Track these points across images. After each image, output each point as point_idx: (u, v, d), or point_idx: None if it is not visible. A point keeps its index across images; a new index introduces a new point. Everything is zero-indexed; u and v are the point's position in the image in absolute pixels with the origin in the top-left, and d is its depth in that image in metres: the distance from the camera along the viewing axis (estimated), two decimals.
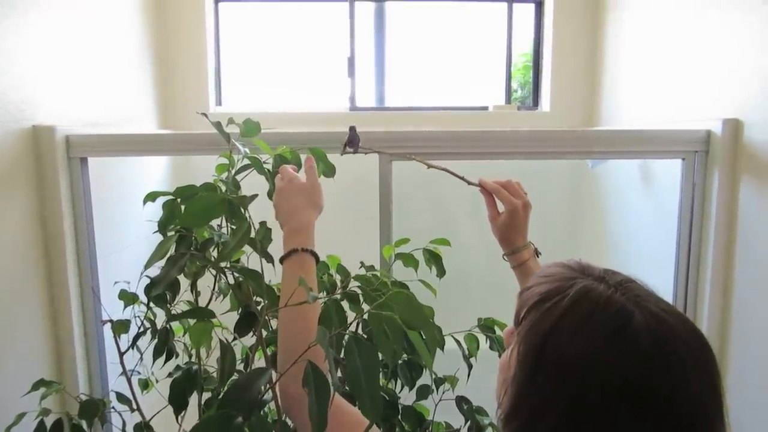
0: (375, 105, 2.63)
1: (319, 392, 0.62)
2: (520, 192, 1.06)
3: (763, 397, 1.33)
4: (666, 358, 0.50)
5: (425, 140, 1.55)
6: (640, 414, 0.49)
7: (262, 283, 0.97)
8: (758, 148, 1.41)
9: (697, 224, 1.55)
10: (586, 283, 0.56)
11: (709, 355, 0.53)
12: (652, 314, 0.52)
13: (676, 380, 0.49)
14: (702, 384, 0.51)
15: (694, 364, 0.51)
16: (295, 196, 0.95)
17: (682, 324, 0.53)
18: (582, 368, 0.51)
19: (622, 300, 0.53)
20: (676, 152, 1.57)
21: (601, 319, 0.52)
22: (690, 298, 1.55)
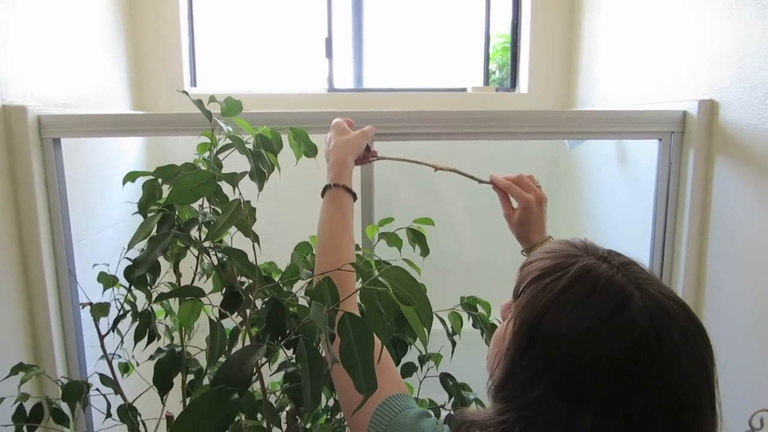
0: (353, 86, 2.61)
1: (313, 368, 0.62)
2: (532, 186, 1.01)
3: (735, 364, 1.37)
4: (661, 342, 0.50)
5: (403, 120, 1.55)
6: (630, 395, 0.49)
7: (247, 261, 0.96)
8: (733, 129, 1.44)
9: (672, 202, 1.58)
10: (588, 262, 0.56)
11: (704, 342, 0.53)
12: (651, 297, 0.52)
13: (669, 365, 0.50)
14: (695, 370, 0.51)
15: (689, 350, 0.51)
16: (336, 139, 1.01)
17: (681, 310, 0.53)
18: (575, 345, 0.51)
19: (623, 281, 0.53)
20: (652, 133, 1.60)
21: (599, 298, 0.52)
22: (665, 271, 1.60)
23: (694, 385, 0.51)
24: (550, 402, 0.52)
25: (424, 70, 2.70)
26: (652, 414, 0.50)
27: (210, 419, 0.49)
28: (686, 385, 0.50)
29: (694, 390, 0.51)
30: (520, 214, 0.99)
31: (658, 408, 0.50)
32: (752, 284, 1.36)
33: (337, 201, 0.90)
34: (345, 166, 0.94)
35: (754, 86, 1.36)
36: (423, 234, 1.22)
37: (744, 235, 1.40)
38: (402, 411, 0.66)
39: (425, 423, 0.64)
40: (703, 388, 0.52)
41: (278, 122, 1.34)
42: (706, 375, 0.52)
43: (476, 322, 1.21)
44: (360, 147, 1.01)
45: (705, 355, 0.52)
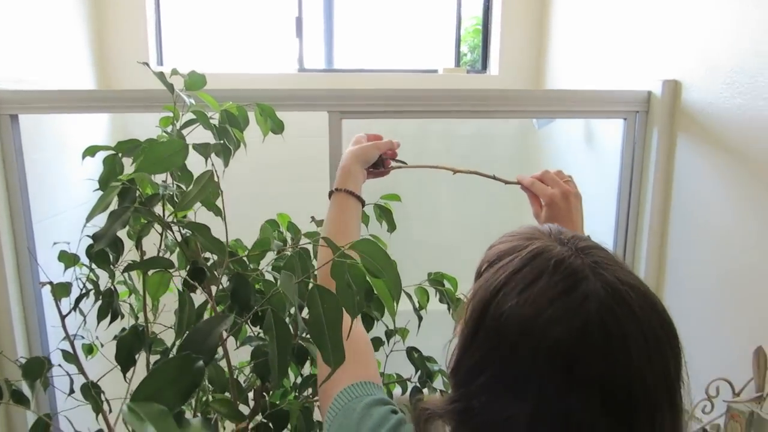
0: (324, 67, 2.58)
1: (280, 339, 0.62)
2: (557, 181, 0.94)
3: (694, 336, 1.41)
4: (607, 331, 0.46)
5: (374, 98, 1.54)
6: (568, 388, 0.46)
7: (210, 236, 0.95)
8: (694, 109, 1.47)
9: (636, 180, 1.61)
10: (543, 244, 0.53)
11: (667, 336, 0.49)
12: (607, 283, 0.48)
13: (615, 358, 0.46)
14: (649, 366, 0.47)
15: (642, 344, 0.47)
16: (349, 148, 1.01)
17: (640, 299, 0.49)
18: (517, 330, 0.48)
19: (577, 264, 0.50)
20: (618, 112, 1.62)
21: (549, 280, 0.49)
22: (629, 246, 1.63)
23: (646, 382, 0.47)
24: (491, 392, 0.49)
25: (395, 51, 2.68)
26: (592, 412, 0.46)
27: (174, 385, 0.48)
28: (635, 383, 0.46)
29: (646, 388, 0.47)
30: (545, 211, 0.92)
31: (599, 405, 0.46)
32: (711, 257, 1.40)
33: (340, 205, 0.91)
34: (349, 172, 0.94)
35: (716, 67, 1.39)
36: (390, 210, 1.22)
37: (704, 211, 1.43)
38: (358, 397, 0.64)
39: (376, 410, 0.62)
40: (659, 386, 0.47)
41: (244, 99, 1.32)
42: (664, 372, 0.48)
43: (443, 297, 1.22)
44: (368, 156, 0.99)
45: (665, 350, 0.48)
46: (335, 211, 0.91)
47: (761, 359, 1.24)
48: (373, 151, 1.00)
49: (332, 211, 0.91)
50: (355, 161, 0.97)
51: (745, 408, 1.31)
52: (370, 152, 0.99)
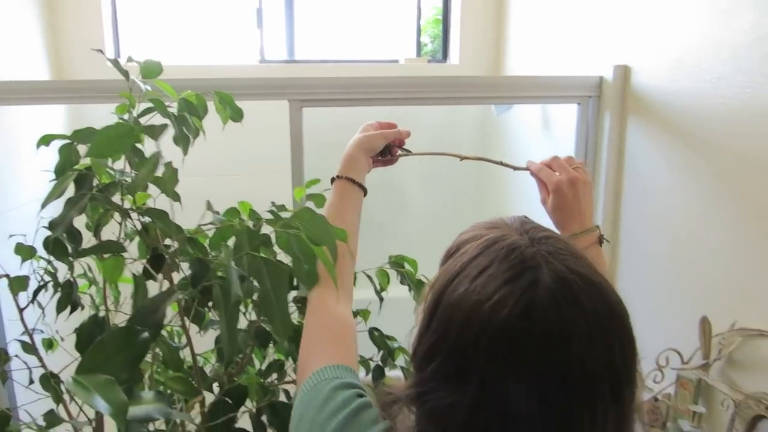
0: (285, 58, 2.58)
1: (229, 315, 0.63)
2: (565, 167, 0.89)
3: (646, 307, 1.47)
4: (548, 316, 0.46)
5: (334, 86, 1.55)
6: (507, 375, 0.46)
7: (168, 221, 0.95)
8: (643, 92, 1.52)
9: (591, 162, 1.67)
10: (502, 233, 0.53)
11: (614, 327, 0.48)
12: (555, 271, 0.48)
13: (554, 346, 0.46)
14: (591, 356, 0.46)
15: (585, 334, 0.46)
16: (355, 136, 1.00)
17: (590, 288, 0.48)
18: (466, 313, 0.48)
19: (530, 252, 0.50)
20: (572, 97, 1.67)
21: (499, 267, 0.49)
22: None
23: (586, 371, 0.46)
24: (439, 378, 0.49)
25: (356, 42, 2.69)
26: (529, 398, 0.46)
27: (119, 355, 0.49)
28: (574, 371, 0.46)
29: (586, 378, 0.46)
30: (551, 198, 0.88)
31: (536, 392, 0.46)
32: (661, 233, 1.46)
33: (340, 192, 0.90)
34: (351, 159, 0.93)
35: (663, 52, 1.44)
36: None
37: (654, 190, 1.49)
38: (327, 380, 0.64)
39: (341, 394, 0.62)
40: (601, 377, 0.46)
41: (203, 88, 1.31)
42: (608, 363, 0.47)
43: (404, 278, 1.25)
44: (373, 145, 0.96)
45: (610, 341, 0.47)
46: (334, 198, 0.91)
47: (706, 328, 1.30)
48: (379, 140, 0.98)
49: (331, 197, 0.91)
50: (359, 149, 0.95)
51: (693, 376, 1.37)
52: (376, 141, 0.97)
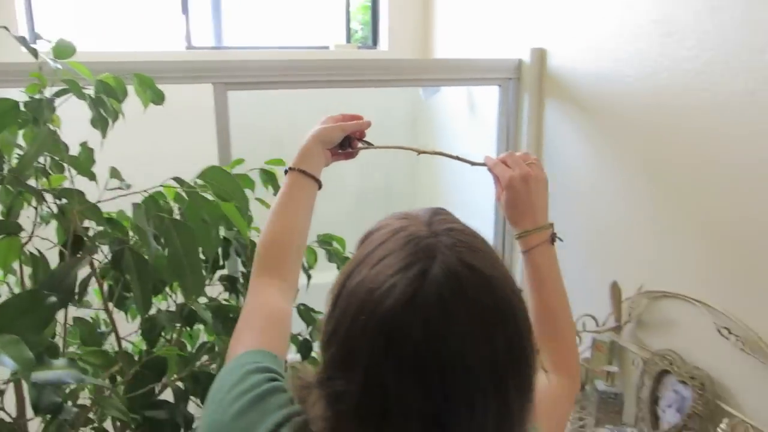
0: (213, 44, 2.54)
1: (141, 274, 0.64)
2: (519, 163, 0.86)
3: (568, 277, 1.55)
4: (431, 306, 0.46)
5: (259, 69, 1.55)
6: (390, 355, 0.46)
7: (85, 201, 0.94)
8: (558, 74, 1.60)
9: (512, 142, 1.74)
10: (407, 223, 0.53)
11: (497, 318, 0.48)
12: (446, 263, 0.48)
13: (434, 331, 0.46)
14: (470, 343, 0.46)
15: (466, 322, 0.46)
16: (313, 128, 0.96)
17: (478, 280, 0.48)
18: (359, 300, 0.48)
19: (428, 243, 0.49)
20: (493, 79, 1.73)
21: (396, 256, 0.49)
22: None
23: (465, 364, 0.46)
24: (335, 365, 0.50)
25: (286, 29, 2.68)
26: (408, 387, 0.46)
27: (26, 317, 0.49)
28: (453, 363, 0.45)
29: (465, 370, 0.46)
30: (504, 194, 0.86)
31: (414, 381, 0.45)
32: (578, 206, 1.54)
33: (290, 183, 0.88)
34: (305, 151, 0.91)
35: (575, 35, 1.52)
36: (274, 174, 1.25)
37: (570, 166, 1.58)
38: (245, 364, 0.63)
39: (253, 377, 0.61)
40: (481, 370, 0.46)
41: (122, 70, 1.29)
42: (490, 357, 0.46)
43: (331, 256, 1.27)
44: (330, 137, 0.93)
45: (494, 335, 0.47)
46: (283, 190, 0.89)
47: (616, 293, 1.40)
48: (336, 132, 0.94)
49: (282, 188, 0.89)
50: (315, 141, 0.92)
51: (607, 338, 1.47)
52: (332, 133, 0.94)
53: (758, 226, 1.06)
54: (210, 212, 0.64)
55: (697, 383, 1.18)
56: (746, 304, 1.10)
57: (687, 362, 1.23)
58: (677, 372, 1.23)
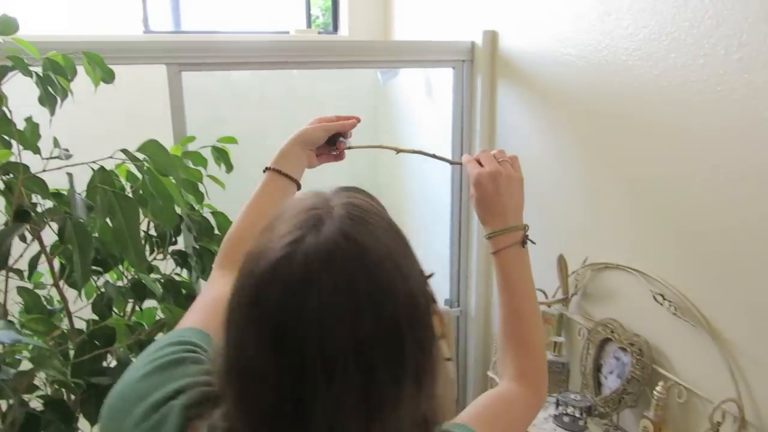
0: (171, 29, 2.51)
1: (81, 245, 0.65)
2: (491, 160, 0.82)
3: None
4: (293, 274, 0.45)
5: (212, 50, 1.55)
6: (250, 319, 0.46)
7: (30, 175, 0.94)
8: (509, 55, 1.64)
9: (467, 122, 1.78)
10: (308, 197, 0.52)
11: (364, 294, 0.45)
12: (323, 234, 0.46)
13: (292, 300, 0.44)
14: (330, 317, 0.44)
15: (329, 295, 0.44)
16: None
17: (353, 253, 0.46)
18: (245, 263, 0.48)
19: (315, 214, 0.48)
20: (447, 61, 1.76)
21: (282, 226, 0.48)
22: (464, 179, 1.82)
23: (323, 338, 0.44)
24: (224, 330, 0.49)
25: (246, 14, 2.67)
26: (263, 355, 0.45)
27: None
28: (309, 335, 0.44)
29: (322, 344, 0.44)
30: (474, 192, 0.83)
31: (269, 349, 0.45)
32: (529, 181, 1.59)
33: (264, 183, 0.88)
34: (283, 151, 0.90)
35: (524, 16, 1.56)
36: (226, 152, 1.26)
37: (520, 143, 1.62)
38: (172, 336, 0.63)
39: (170, 348, 0.60)
40: (342, 346, 0.44)
41: (72, 50, 1.28)
42: (353, 333, 0.44)
43: None
44: (311, 137, 0.92)
45: (361, 310, 0.44)
46: (256, 189, 0.88)
47: (563, 266, 1.45)
48: (318, 132, 0.92)
49: (257, 188, 0.88)
50: (295, 141, 0.91)
51: (556, 311, 1.52)
52: (314, 133, 0.92)
53: (687, 194, 1.11)
54: (156, 187, 0.65)
55: (636, 349, 1.24)
56: (678, 270, 1.16)
57: (627, 330, 1.29)
58: (618, 339, 1.29)
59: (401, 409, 0.46)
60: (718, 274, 1.07)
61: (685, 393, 1.15)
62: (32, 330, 0.80)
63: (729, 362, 1.06)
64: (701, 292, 1.11)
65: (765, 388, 1.01)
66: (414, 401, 0.47)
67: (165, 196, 0.75)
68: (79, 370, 0.83)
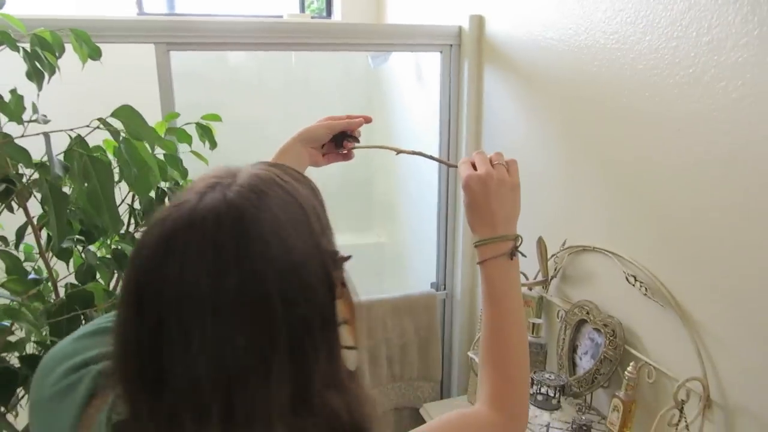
0: (165, 11, 2.53)
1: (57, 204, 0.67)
2: (484, 163, 0.76)
3: None
4: (163, 235, 0.45)
5: (201, 30, 1.56)
6: (127, 277, 0.46)
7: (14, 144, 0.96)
8: (495, 40, 1.65)
9: (454, 106, 1.80)
10: (211, 173, 0.50)
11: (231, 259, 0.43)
12: (211, 200, 0.45)
13: (156, 257, 0.44)
14: (192, 277, 0.43)
15: (186, 261, 0.43)
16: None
17: (231, 224, 0.44)
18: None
19: (218, 183, 0.47)
20: (434, 45, 1.77)
21: (185, 194, 0.48)
22: (452, 156, 1.85)
23: (180, 294, 0.43)
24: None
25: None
26: (127, 308, 0.45)
27: None
28: (169, 289, 0.43)
29: (178, 299, 0.43)
30: (464, 196, 0.76)
31: (133, 302, 0.44)
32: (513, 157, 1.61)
33: None
34: (283, 149, 0.89)
35: (510, 2, 1.57)
36: (210, 129, 1.28)
37: (505, 127, 1.64)
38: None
39: (110, 316, 0.60)
40: (200, 304, 0.42)
41: (61, 27, 1.30)
42: (213, 294, 0.43)
43: None
44: (313, 135, 0.90)
45: (222, 273, 0.43)
46: None
47: (542, 249, 1.46)
48: (321, 131, 0.91)
49: None
50: (296, 139, 0.90)
51: (536, 294, 1.54)
52: (317, 131, 0.91)
53: (659, 178, 1.13)
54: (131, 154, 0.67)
55: (609, 330, 1.26)
56: (650, 252, 1.18)
57: (602, 311, 1.31)
58: (593, 321, 1.31)
59: (271, 388, 0.43)
60: (689, 257, 1.09)
61: (654, 373, 1.17)
62: (10, 290, 0.83)
63: (696, 342, 1.08)
64: (672, 273, 1.13)
65: (730, 367, 1.03)
66: (289, 381, 0.44)
67: (140, 164, 0.76)
68: (57, 331, 0.86)
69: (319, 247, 0.48)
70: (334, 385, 0.48)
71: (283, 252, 0.45)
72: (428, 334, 1.89)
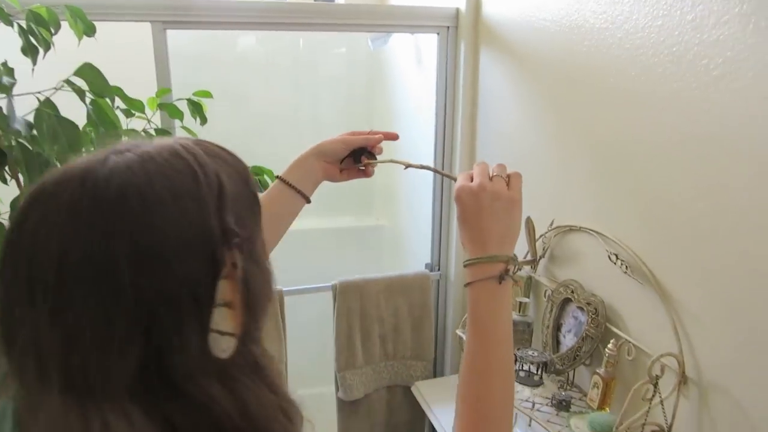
0: None
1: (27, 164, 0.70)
2: (481, 174, 0.70)
3: None
4: (26, 200, 0.44)
5: (197, 8, 1.57)
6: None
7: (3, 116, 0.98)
8: (492, 21, 1.65)
9: (450, 87, 1.80)
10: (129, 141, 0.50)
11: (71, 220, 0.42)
12: (80, 165, 0.44)
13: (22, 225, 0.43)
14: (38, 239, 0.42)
15: (41, 219, 0.42)
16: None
17: (89, 185, 0.43)
18: None
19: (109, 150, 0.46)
20: (431, 27, 1.78)
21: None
22: (447, 141, 1.86)
23: (35, 266, 0.42)
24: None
25: None
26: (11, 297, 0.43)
27: None
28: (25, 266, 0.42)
29: (34, 274, 0.42)
30: (456, 207, 0.71)
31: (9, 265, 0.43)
32: (508, 144, 1.62)
33: (269, 192, 0.87)
34: (297, 162, 0.88)
35: None
36: (201, 105, 1.30)
37: (500, 108, 1.64)
38: None
39: None
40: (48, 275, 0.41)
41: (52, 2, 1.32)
42: (57, 265, 0.41)
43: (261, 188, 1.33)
44: (328, 150, 0.88)
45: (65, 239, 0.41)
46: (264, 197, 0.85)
47: (531, 228, 1.47)
48: (336, 145, 0.88)
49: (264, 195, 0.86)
50: (311, 153, 0.88)
51: (525, 274, 1.55)
52: (330, 145, 0.88)
53: (643, 157, 1.13)
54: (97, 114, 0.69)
55: (592, 308, 1.27)
56: (633, 231, 1.19)
57: (586, 290, 1.32)
58: (577, 299, 1.32)
59: (110, 357, 0.41)
60: (669, 236, 1.09)
61: (634, 350, 1.19)
62: None
63: (674, 320, 1.09)
64: (653, 252, 1.14)
65: (705, 345, 1.04)
66: (136, 355, 0.42)
67: (107, 123, 0.79)
68: None
69: (207, 222, 0.44)
70: (219, 374, 0.44)
71: (144, 217, 0.42)
72: (422, 313, 1.91)
